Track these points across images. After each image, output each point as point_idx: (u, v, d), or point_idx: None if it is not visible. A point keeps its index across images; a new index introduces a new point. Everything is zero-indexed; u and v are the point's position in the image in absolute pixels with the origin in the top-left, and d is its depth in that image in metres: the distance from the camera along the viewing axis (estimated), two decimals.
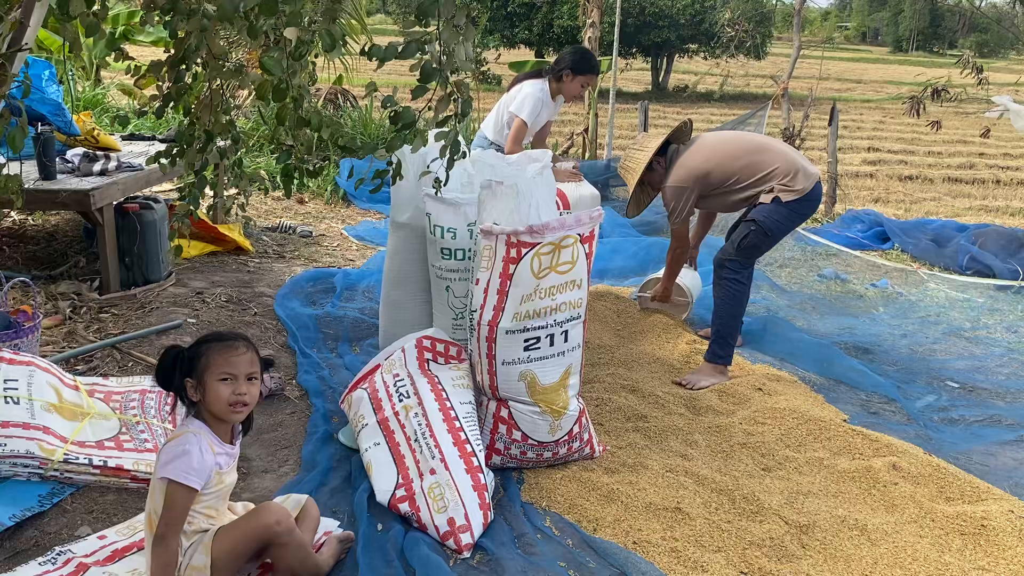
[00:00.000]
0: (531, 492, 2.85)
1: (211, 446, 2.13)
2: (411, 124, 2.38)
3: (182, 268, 4.88)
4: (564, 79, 4.83)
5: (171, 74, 2.63)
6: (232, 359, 2.14)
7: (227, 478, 2.22)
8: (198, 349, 2.16)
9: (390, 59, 2.19)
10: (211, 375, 2.13)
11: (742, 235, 3.98)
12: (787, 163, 3.97)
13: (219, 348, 2.15)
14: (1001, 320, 5.17)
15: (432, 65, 2.22)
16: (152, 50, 9.40)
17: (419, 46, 2.19)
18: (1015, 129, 7.95)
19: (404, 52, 2.18)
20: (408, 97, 2.40)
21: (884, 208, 9.61)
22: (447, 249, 3.35)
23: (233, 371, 2.13)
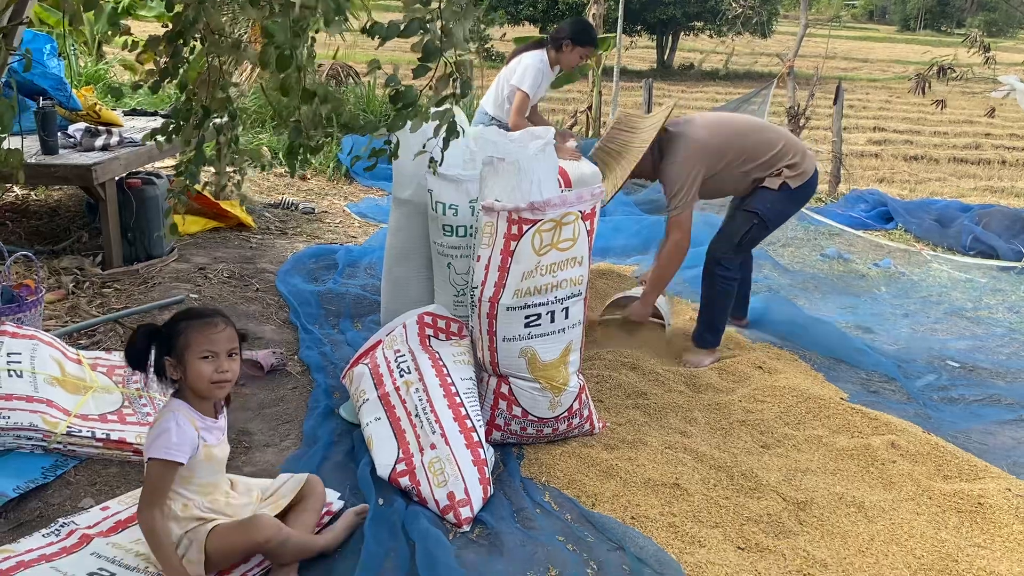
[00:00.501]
0: (531, 467, 2.87)
1: (191, 421, 2.14)
2: (412, 103, 2.37)
3: (184, 244, 4.88)
4: (564, 49, 4.79)
5: (169, 49, 2.62)
6: (212, 336, 2.13)
7: (216, 451, 2.23)
8: (175, 327, 2.14)
9: (392, 37, 2.18)
10: (192, 353, 2.12)
11: (744, 230, 3.81)
12: (792, 143, 3.81)
13: (198, 326, 2.14)
14: (1003, 300, 5.17)
15: (434, 44, 2.20)
16: (155, 25, 9.37)
17: (421, 24, 2.17)
18: (1021, 109, 7.90)
19: (406, 31, 2.16)
20: (407, 73, 2.38)
21: (889, 188, 9.58)
22: (449, 226, 3.35)
23: (214, 348, 2.13)
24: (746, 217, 3.81)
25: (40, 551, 2.26)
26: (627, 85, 13.73)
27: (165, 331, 2.16)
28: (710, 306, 3.91)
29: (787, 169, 3.73)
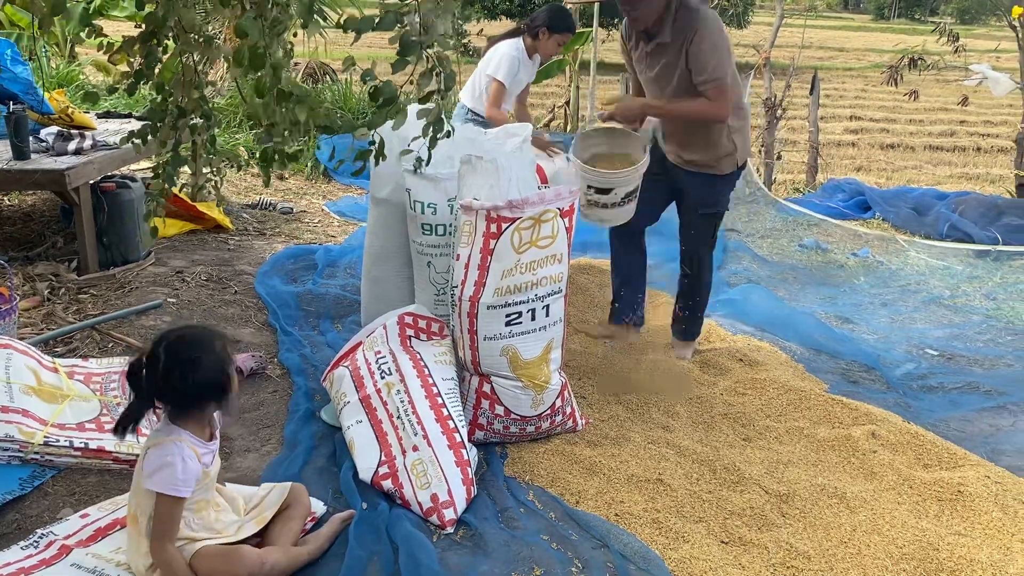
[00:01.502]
0: (514, 466, 2.87)
1: (194, 451, 2.12)
2: (392, 99, 2.33)
3: (161, 247, 4.84)
4: (540, 37, 4.71)
5: (142, 50, 2.58)
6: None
7: (211, 471, 2.22)
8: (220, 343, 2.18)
9: (367, 31, 2.14)
10: (232, 370, 2.18)
11: (711, 230, 3.71)
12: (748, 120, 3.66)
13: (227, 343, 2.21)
14: (980, 288, 5.22)
15: (411, 37, 2.16)
16: (128, 25, 9.25)
17: (397, 17, 2.13)
18: (994, 96, 7.98)
19: (381, 24, 2.12)
20: (388, 71, 2.35)
21: (866, 176, 9.65)
22: (428, 225, 3.34)
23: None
24: (707, 219, 3.69)
25: (19, 564, 2.23)
26: (604, 79, 13.73)
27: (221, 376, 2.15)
28: (700, 298, 3.84)
29: (741, 141, 3.54)
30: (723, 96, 3.30)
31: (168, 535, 2.10)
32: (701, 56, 3.26)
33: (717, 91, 3.29)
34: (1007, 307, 4.88)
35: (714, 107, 3.31)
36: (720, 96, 3.29)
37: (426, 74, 2.29)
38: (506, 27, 14.23)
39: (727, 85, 3.30)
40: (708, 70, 3.26)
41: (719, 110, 3.32)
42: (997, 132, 13.70)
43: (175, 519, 2.11)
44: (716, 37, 3.28)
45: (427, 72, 2.29)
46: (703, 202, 3.64)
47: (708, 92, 3.29)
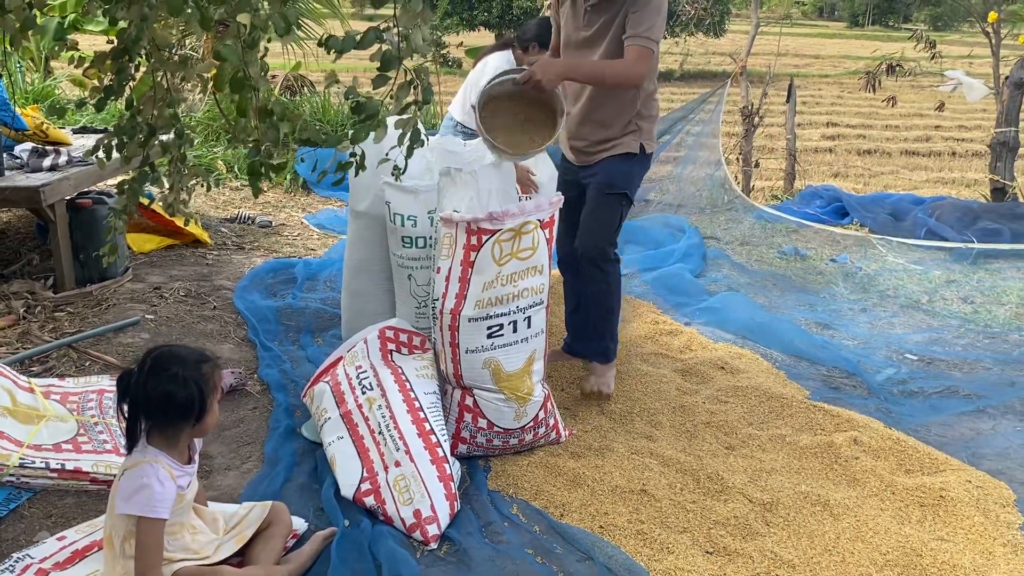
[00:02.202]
0: (498, 480, 2.85)
1: (170, 472, 2.08)
2: (374, 115, 2.34)
3: (139, 263, 4.79)
4: (530, 51, 4.73)
5: (113, 66, 2.55)
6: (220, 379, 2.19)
7: (187, 494, 2.18)
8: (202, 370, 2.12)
9: (348, 50, 2.15)
10: (215, 397, 2.14)
11: (615, 217, 3.37)
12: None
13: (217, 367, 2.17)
14: (957, 292, 5.26)
15: (392, 53, 2.17)
16: (103, 39, 9.19)
17: (377, 35, 2.14)
18: (969, 102, 8.07)
19: (363, 42, 2.13)
20: (365, 82, 2.35)
21: (843, 183, 9.72)
22: (408, 237, 3.33)
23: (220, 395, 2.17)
24: (616, 200, 3.36)
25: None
26: None
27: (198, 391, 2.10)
28: (611, 311, 3.45)
29: (647, 124, 3.36)
30: (644, 59, 3.15)
31: (154, 560, 2.05)
32: (641, 14, 3.13)
33: (641, 52, 3.14)
34: (984, 310, 4.92)
35: (632, 67, 3.15)
36: (641, 58, 3.14)
37: (404, 87, 2.30)
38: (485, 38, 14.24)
39: (652, 51, 3.16)
40: (642, 28, 3.12)
41: (637, 70, 3.16)
42: (971, 137, 13.86)
43: (158, 543, 2.06)
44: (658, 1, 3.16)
45: (405, 85, 2.29)
46: (610, 183, 3.35)
47: (631, 50, 3.14)
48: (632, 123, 3.35)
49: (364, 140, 2.39)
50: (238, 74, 2.13)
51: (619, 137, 3.35)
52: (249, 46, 2.17)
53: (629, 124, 3.35)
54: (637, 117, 3.35)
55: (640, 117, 3.35)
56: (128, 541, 2.08)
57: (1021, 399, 3.69)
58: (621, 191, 3.36)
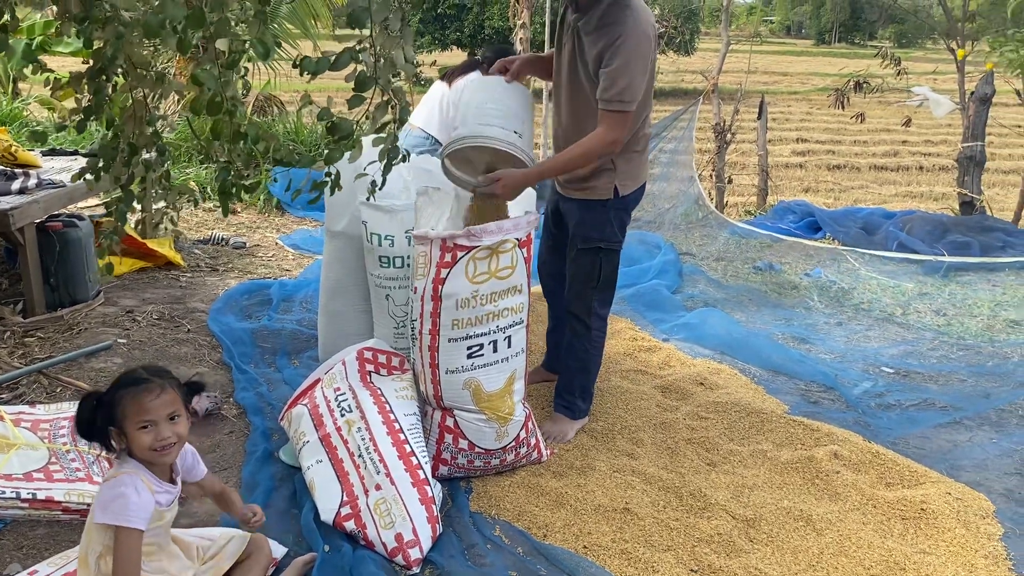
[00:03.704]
0: (480, 501, 2.82)
1: (148, 485, 2.04)
2: (349, 135, 2.33)
3: (111, 286, 4.72)
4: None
5: (91, 86, 2.53)
6: (147, 404, 2.02)
7: (167, 514, 2.14)
8: (113, 396, 2.03)
9: (322, 71, 2.14)
10: (130, 424, 2.02)
11: (594, 271, 3.21)
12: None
13: (133, 394, 2.02)
14: (930, 304, 5.32)
15: (367, 74, 2.17)
16: (72, 60, 9.10)
17: (353, 56, 2.13)
18: (935, 117, 8.21)
19: (337, 63, 2.12)
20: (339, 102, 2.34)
21: (814, 197, 9.85)
22: (385, 257, 3.30)
23: (150, 417, 2.02)
24: (591, 254, 3.20)
25: None
26: None
27: (106, 399, 2.04)
28: (586, 370, 3.34)
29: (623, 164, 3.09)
30: (619, 126, 2.89)
31: (132, 573, 1.99)
32: (615, 71, 2.84)
33: (616, 119, 2.88)
34: (957, 323, 4.97)
35: (606, 137, 2.89)
36: (616, 125, 2.88)
37: (381, 107, 2.29)
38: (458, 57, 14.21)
39: (629, 113, 2.90)
40: (614, 90, 2.85)
41: (611, 139, 2.89)
42: (938, 151, 14.12)
43: (136, 556, 1.99)
44: (637, 49, 2.86)
45: (382, 105, 2.29)
46: (582, 235, 3.19)
47: (605, 117, 2.89)
48: (607, 161, 3.07)
49: (338, 160, 2.39)
50: (215, 98, 2.12)
51: (591, 179, 3.12)
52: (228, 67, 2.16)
53: (605, 164, 3.08)
54: (619, 158, 3.07)
55: (621, 157, 3.08)
56: (104, 558, 2.02)
57: (996, 410, 3.73)
58: (595, 244, 3.18)
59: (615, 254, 3.25)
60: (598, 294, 3.26)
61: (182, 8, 1.97)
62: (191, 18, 2.01)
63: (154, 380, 2.06)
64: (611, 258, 3.23)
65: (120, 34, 2.22)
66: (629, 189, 3.14)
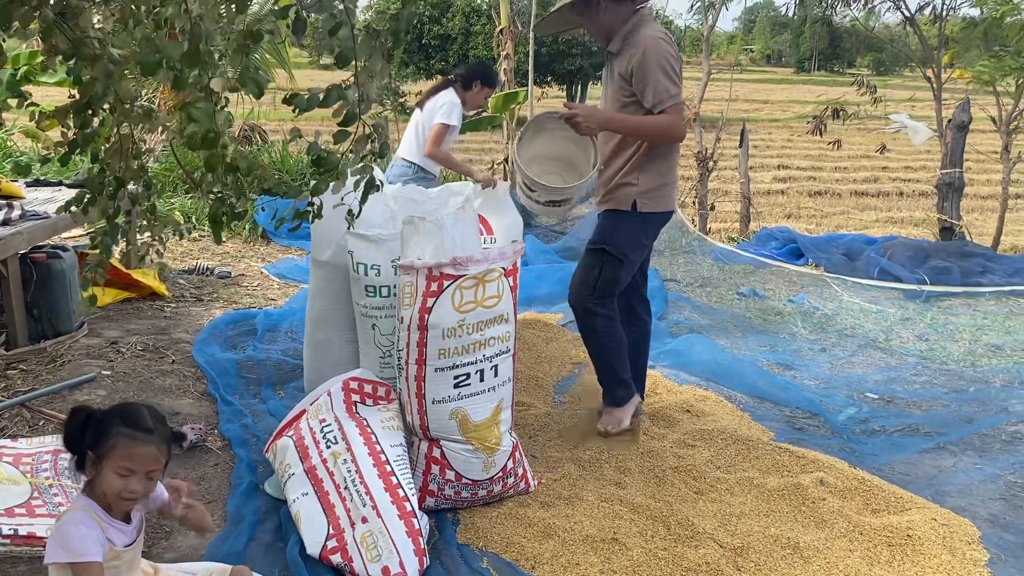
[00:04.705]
0: (467, 533, 2.81)
1: (98, 521, 2.01)
2: (335, 167, 2.37)
3: (95, 317, 4.69)
4: (474, 88, 5.00)
5: (77, 120, 2.54)
6: (136, 454, 1.99)
7: (125, 555, 2.09)
8: (108, 428, 2.00)
9: (312, 108, 2.18)
10: (110, 462, 1.99)
11: (595, 271, 3.40)
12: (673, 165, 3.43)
13: (128, 439, 1.99)
14: (913, 330, 5.37)
15: (353, 111, 2.21)
16: (58, 91, 9.09)
17: (340, 93, 2.17)
18: (913, 144, 8.33)
19: (326, 101, 2.17)
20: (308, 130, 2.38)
21: (796, 223, 9.94)
22: (371, 286, 3.31)
23: (133, 467, 1.99)
24: (595, 254, 3.41)
25: None
26: None
27: (97, 419, 2.02)
28: (607, 359, 3.51)
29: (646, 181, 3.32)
30: (676, 117, 3.22)
31: None
32: (646, 82, 3.18)
33: (669, 115, 3.20)
34: (939, 348, 5.02)
35: (669, 125, 3.21)
36: (673, 119, 3.21)
37: (362, 140, 2.33)
38: None
39: (678, 105, 3.22)
40: (653, 95, 3.17)
41: (674, 126, 3.22)
42: (917, 177, 14.29)
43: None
44: (663, 53, 3.18)
45: (363, 138, 2.33)
46: (593, 236, 3.43)
47: (660, 118, 3.20)
48: (631, 174, 3.31)
49: (324, 192, 2.42)
50: (209, 133, 2.15)
51: (615, 190, 3.37)
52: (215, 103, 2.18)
53: (626, 174, 3.32)
54: (638, 170, 3.31)
55: (641, 171, 3.31)
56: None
57: (979, 435, 3.76)
58: (600, 245, 3.38)
59: (618, 264, 3.38)
60: (594, 297, 3.41)
61: (180, 47, 1.99)
62: (186, 56, 2.03)
63: (154, 435, 2.02)
64: (613, 265, 3.38)
65: (110, 72, 2.24)
66: (649, 208, 3.35)
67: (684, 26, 23.34)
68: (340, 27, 2.08)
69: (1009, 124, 7.59)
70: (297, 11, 2.08)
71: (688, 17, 27.42)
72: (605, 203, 3.43)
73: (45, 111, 2.75)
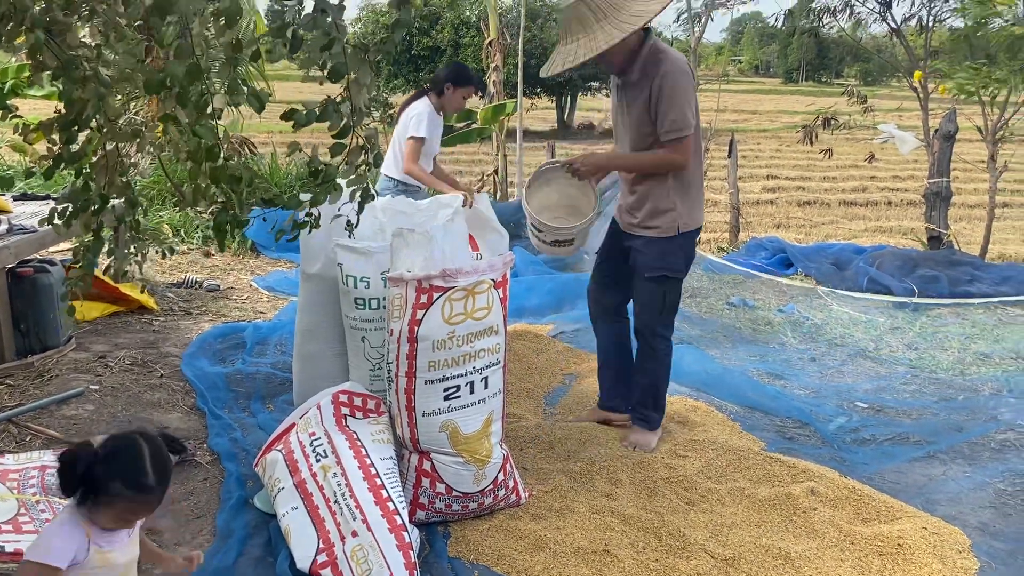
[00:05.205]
0: (458, 546, 2.80)
1: (86, 528, 1.99)
2: (332, 179, 2.40)
3: (83, 332, 4.67)
4: (446, 92, 4.91)
5: (63, 135, 2.53)
6: (139, 510, 1.98)
7: (115, 556, 2.06)
8: (111, 485, 1.93)
9: (309, 124, 2.20)
10: (110, 515, 1.96)
11: (658, 298, 3.50)
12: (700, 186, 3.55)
13: (130, 499, 1.95)
14: (902, 339, 5.38)
15: (348, 124, 2.23)
16: (46, 103, 9.07)
17: (336, 108, 2.20)
18: (901, 154, 8.39)
19: (323, 115, 2.19)
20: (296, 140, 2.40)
21: (785, 233, 9.97)
22: (361, 299, 3.30)
23: (134, 519, 2.00)
24: (655, 282, 3.49)
25: None
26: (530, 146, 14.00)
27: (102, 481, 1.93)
28: (655, 386, 3.62)
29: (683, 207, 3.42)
30: (682, 151, 3.30)
31: None
32: (666, 107, 3.25)
33: (674, 147, 3.29)
34: (928, 356, 5.04)
35: (672, 156, 3.31)
36: (677, 151, 3.30)
37: (356, 151, 2.34)
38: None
39: (688, 137, 3.28)
40: (667, 123, 3.25)
41: (678, 160, 3.31)
42: (905, 187, 14.39)
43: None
44: (680, 82, 3.26)
45: (357, 150, 2.34)
46: (647, 265, 3.48)
47: (667, 146, 3.29)
48: (670, 200, 3.39)
49: (323, 203, 2.44)
50: (214, 148, 2.17)
51: (654, 218, 3.43)
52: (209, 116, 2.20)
53: (665, 201, 3.40)
54: (681, 197, 3.40)
55: (684, 198, 3.41)
56: None
57: (969, 443, 3.76)
58: (660, 273, 3.47)
59: (678, 283, 3.57)
60: (662, 319, 3.56)
61: (183, 66, 2.00)
62: (188, 73, 2.04)
63: (156, 495, 1.98)
64: (675, 286, 3.56)
65: (102, 95, 2.24)
66: (690, 227, 3.48)
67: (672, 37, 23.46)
68: (333, 43, 2.10)
69: (995, 134, 7.65)
70: (293, 30, 2.10)
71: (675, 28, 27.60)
72: (648, 229, 3.46)
73: (30, 124, 2.74)
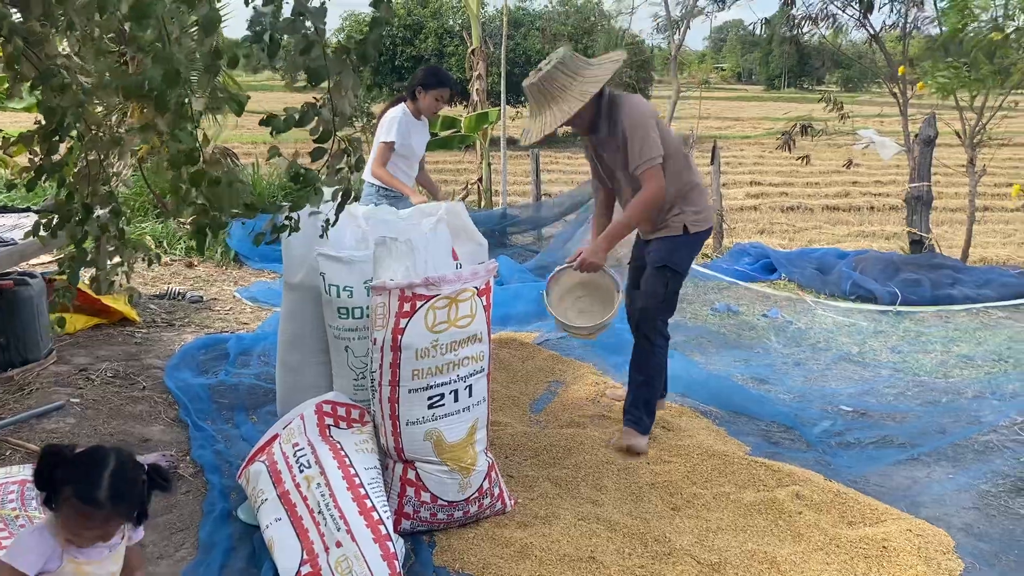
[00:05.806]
0: (444, 555, 2.78)
1: (60, 538, 1.98)
2: (314, 183, 2.38)
3: (64, 344, 4.63)
4: (418, 96, 4.98)
5: (43, 146, 2.51)
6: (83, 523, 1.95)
7: (90, 571, 2.04)
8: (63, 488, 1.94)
9: (288, 130, 2.18)
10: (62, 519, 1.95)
11: (660, 286, 3.65)
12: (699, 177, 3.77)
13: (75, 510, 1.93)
14: (885, 342, 5.41)
15: (329, 128, 2.22)
16: (26, 116, 9.02)
17: (315, 112, 2.18)
18: (881, 159, 8.44)
19: (302, 120, 2.17)
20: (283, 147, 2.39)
21: (769, 239, 10.00)
22: (344, 308, 3.29)
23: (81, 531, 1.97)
24: (659, 273, 3.65)
25: None
26: (514, 154, 14.02)
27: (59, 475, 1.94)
28: (649, 383, 3.67)
29: (690, 210, 3.64)
30: (653, 178, 3.46)
31: None
32: (631, 142, 3.48)
33: (647, 173, 3.46)
34: (912, 359, 5.06)
35: (649, 190, 3.47)
36: (650, 179, 3.46)
37: (337, 155, 2.33)
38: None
39: (658, 166, 3.46)
40: (635, 154, 3.47)
41: (653, 190, 3.47)
42: (887, 192, 14.47)
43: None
44: (636, 118, 3.48)
45: (339, 153, 2.33)
46: (657, 257, 3.68)
47: (642, 176, 3.47)
48: (676, 208, 3.65)
49: (304, 207, 2.43)
50: (193, 152, 2.15)
51: (665, 221, 3.67)
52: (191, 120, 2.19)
53: (673, 210, 3.65)
54: (682, 203, 3.64)
55: (685, 203, 3.65)
56: None
57: (952, 446, 3.78)
58: (663, 264, 3.65)
59: (680, 277, 3.73)
60: (661, 311, 3.70)
61: (160, 70, 1.99)
62: (166, 77, 2.03)
63: (104, 511, 1.95)
64: (676, 279, 3.71)
65: (81, 103, 2.23)
66: (697, 228, 3.68)
67: (653, 45, 23.57)
68: (312, 47, 2.09)
69: (973, 138, 7.72)
70: (271, 35, 2.08)
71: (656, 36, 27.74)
72: (657, 233, 3.70)
73: (10, 137, 2.72)
